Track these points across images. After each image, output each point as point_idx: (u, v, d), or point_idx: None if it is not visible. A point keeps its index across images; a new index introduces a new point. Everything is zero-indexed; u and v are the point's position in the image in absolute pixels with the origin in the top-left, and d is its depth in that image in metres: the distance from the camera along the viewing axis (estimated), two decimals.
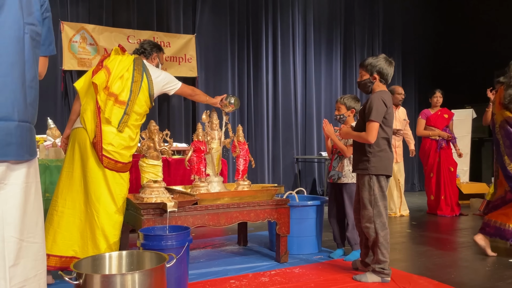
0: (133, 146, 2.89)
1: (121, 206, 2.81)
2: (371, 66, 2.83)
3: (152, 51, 3.11)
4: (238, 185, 3.34)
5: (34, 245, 1.41)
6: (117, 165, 2.78)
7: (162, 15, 6.26)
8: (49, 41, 1.59)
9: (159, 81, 2.95)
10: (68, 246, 2.69)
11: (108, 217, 2.72)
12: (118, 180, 2.80)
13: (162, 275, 1.82)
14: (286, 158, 7.15)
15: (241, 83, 6.88)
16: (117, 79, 2.80)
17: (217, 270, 3.01)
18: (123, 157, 2.80)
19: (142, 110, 2.90)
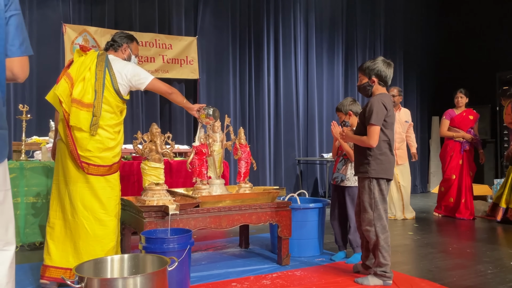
0: (114, 146, 2.73)
1: (113, 209, 2.72)
2: (369, 69, 2.83)
3: (122, 42, 2.90)
4: (240, 187, 3.34)
5: (7, 252, 1.39)
6: (100, 169, 2.67)
7: (164, 18, 6.27)
8: (19, 40, 1.48)
9: (125, 74, 2.74)
10: (63, 257, 2.64)
11: (99, 224, 2.65)
12: (104, 184, 2.70)
13: (163, 279, 1.82)
14: (288, 160, 7.14)
15: (242, 85, 6.88)
16: (78, 82, 2.65)
17: (219, 273, 3.01)
18: (104, 160, 2.67)
19: (113, 108, 2.72)
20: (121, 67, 2.75)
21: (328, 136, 7.44)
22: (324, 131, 7.48)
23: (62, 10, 5.54)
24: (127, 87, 2.78)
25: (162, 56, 6.16)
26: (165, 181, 3.04)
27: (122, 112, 2.82)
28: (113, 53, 2.89)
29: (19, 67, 1.49)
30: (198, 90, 6.45)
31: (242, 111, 6.86)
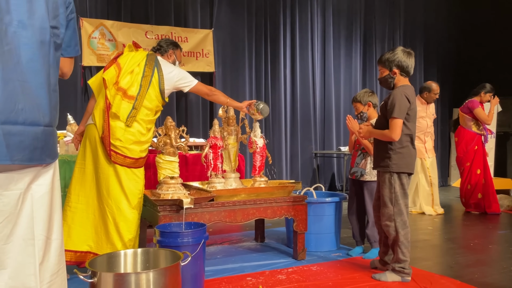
0: (144, 141, 2.82)
1: (137, 203, 2.78)
2: (389, 61, 2.74)
3: (168, 48, 3.07)
4: (255, 181, 3.30)
5: (56, 241, 1.43)
6: (126, 160, 2.73)
7: (179, 10, 6.25)
8: (75, 42, 1.59)
9: (171, 76, 2.89)
10: (83, 241, 2.71)
11: (120, 214, 2.70)
12: (131, 176, 2.77)
13: (177, 273, 1.81)
14: (304, 154, 7.07)
15: (258, 77, 6.82)
16: (126, 74, 2.77)
17: (234, 267, 2.99)
18: (132, 152, 2.75)
19: (152, 105, 2.84)
20: (169, 70, 2.91)
21: (345, 129, 7.33)
22: (341, 124, 7.37)
23: (79, 4, 5.56)
24: (171, 89, 2.95)
25: None
26: (180, 174, 3.03)
27: (157, 112, 2.92)
28: (160, 56, 3.00)
29: (69, 66, 1.61)
30: (214, 83, 6.42)
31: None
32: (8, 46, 1.28)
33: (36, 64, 1.36)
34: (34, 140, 1.35)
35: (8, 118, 1.27)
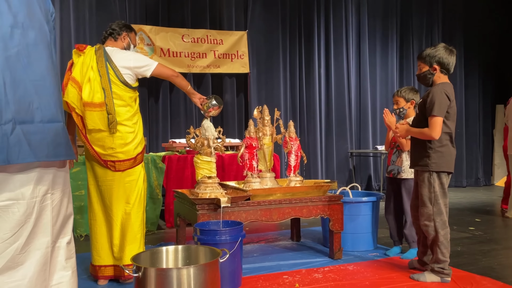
0: (134, 138, 2.68)
1: (138, 202, 2.72)
2: (430, 57, 2.70)
3: (121, 31, 2.83)
4: (290, 181, 3.33)
5: (66, 245, 1.47)
6: (126, 163, 2.66)
7: (214, 13, 6.37)
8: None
9: (126, 64, 2.66)
10: (106, 254, 2.70)
11: (127, 217, 2.68)
12: (127, 179, 2.69)
13: (216, 270, 1.87)
14: (340, 153, 7.03)
15: (293, 77, 6.84)
16: (85, 85, 2.58)
17: (270, 265, 3.03)
18: (127, 153, 2.65)
19: (127, 101, 2.67)
20: (122, 57, 2.68)
21: (382, 128, 7.22)
22: (377, 122, 7.27)
23: (119, 11, 5.78)
24: (133, 76, 2.71)
25: (214, 51, 6.26)
26: (217, 174, 3.11)
27: (135, 100, 2.76)
28: (112, 42, 2.81)
29: None
30: (248, 84, 6.50)
31: (293, 104, 6.83)
32: (16, 48, 1.31)
33: (45, 63, 1.40)
34: (56, 136, 1.38)
35: (24, 118, 1.30)
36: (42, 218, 1.36)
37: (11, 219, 1.27)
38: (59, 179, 1.43)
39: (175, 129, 6.17)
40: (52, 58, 1.44)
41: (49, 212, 1.38)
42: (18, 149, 1.26)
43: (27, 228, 1.31)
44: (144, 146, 2.79)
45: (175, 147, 4.87)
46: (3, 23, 1.29)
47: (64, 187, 1.46)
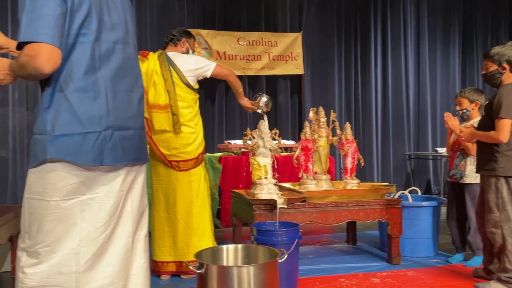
0: (196, 138, 2.83)
1: (202, 201, 2.82)
2: (499, 55, 2.57)
3: (181, 37, 2.99)
4: (347, 183, 3.30)
5: (143, 238, 1.58)
6: (189, 163, 2.79)
7: (269, 16, 6.43)
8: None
9: (188, 67, 2.83)
10: (168, 251, 2.81)
11: (192, 216, 2.76)
12: (189, 179, 2.80)
13: (274, 270, 1.90)
14: (397, 155, 6.83)
15: (348, 78, 6.75)
16: (150, 88, 2.77)
17: (326, 268, 3.02)
18: (190, 153, 2.79)
19: (188, 102, 2.82)
20: (183, 61, 2.85)
21: (442, 129, 6.92)
22: (438, 124, 6.98)
23: (178, 16, 6.01)
24: (195, 77, 2.87)
25: (268, 53, 6.32)
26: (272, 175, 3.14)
27: (196, 102, 2.91)
28: (173, 48, 2.96)
29: None
30: (303, 85, 6.50)
31: (348, 105, 6.74)
32: (116, 62, 1.46)
33: (136, 75, 1.56)
34: (140, 142, 1.54)
35: (122, 125, 1.45)
36: (124, 210, 1.49)
37: (103, 209, 1.41)
38: (139, 177, 1.57)
39: (230, 130, 6.30)
40: (139, 69, 1.60)
41: (130, 205, 1.51)
42: (113, 153, 1.42)
43: (114, 219, 1.45)
44: (204, 147, 2.92)
45: (230, 148, 4.98)
46: (108, 38, 1.44)
47: (142, 184, 1.59)
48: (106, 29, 1.44)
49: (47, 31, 1.28)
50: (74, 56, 1.38)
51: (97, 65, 1.41)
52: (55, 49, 1.30)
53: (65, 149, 1.35)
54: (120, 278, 1.46)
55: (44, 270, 1.36)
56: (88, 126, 1.37)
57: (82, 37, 1.38)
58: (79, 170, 1.37)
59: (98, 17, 1.41)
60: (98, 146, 1.38)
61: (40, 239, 1.36)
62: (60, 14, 1.32)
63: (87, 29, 1.39)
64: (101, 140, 1.39)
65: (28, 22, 1.29)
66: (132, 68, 1.54)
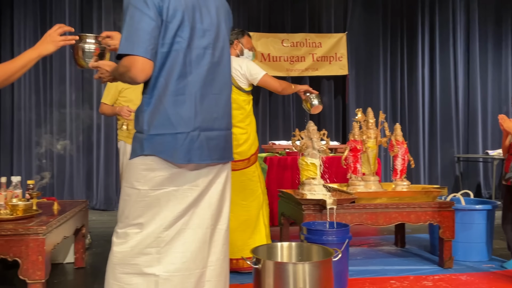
0: (247, 139, 2.90)
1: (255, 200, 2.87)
2: None
3: (232, 39, 2.98)
4: (396, 185, 3.27)
5: (222, 230, 1.67)
6: (239, 164, 2.84)
7: (314, 17, 6.44)
8: None
9: (240, 70, 2.87)
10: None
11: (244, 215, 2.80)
12: (241, 178, 2.84)
13: (329, 268, 1.93)
14: (444, 158, 6.63)
15: (393, 78, 6.64)
16: None
17: (376, 269, 3.01)
18: (241, 154, 2.84)
19: (240, 104, 2.86)
20: (235, 65, 2.86)
21: (494, 131, 6.65)
22: (488, 125, 6.71)
23: None
24: (246, 81, 2.91)
25: (312, 54, 6.33)
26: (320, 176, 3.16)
27: (249, 103, 2.94)
28: None
29: None
30: (347, 86, 6.45)
31: (393, 106, 6.63)
32: (206, 67, 1.57)
33: (223, 78, 1.64)
34: (225, 142, 1.64)
35: (208, 126, 1.57)
36: (203, 203, 1.59)
37: (185, 201, 1.55)
38: (221, 174, 1.67)
39: (273, 131, 6.36)
40: (229, 72, 1.69)
41: (209, 199, 1.61)
42: (200, 152, 1.54)
43: (192, 209, 1.56)
44: (257, 148, 2.97)
45: (274, 149, 5.03)
46: (199, 45, 1.55)
47: (224, 180, 1.68)
48: (197, 36, 1.55)
49: (141, 44, 1.43)
50: (169, 63, 1.51)
51: (188, 70, 1.53)
52: (147, 61, 1.45)
53: (158, 147, 1.50)
54: (196, 265, 1.56)
55: (128, 250, 1.52)
56: (178, 127, 1.51)
57: (175, 45, 1.51)
58: (168, 166, 1.51)
59: (190, 25, 1.52)
60: (186, 145, 1.51)
61: (130, 222, 1.53)
62: (155, 28, 1.46)
63: (180, 38, 1.51)
64: (189, 140, 1.52)
65: (127, 36, 1.45)
66: (221, 71, 1.63)
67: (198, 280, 1.56)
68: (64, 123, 5.75)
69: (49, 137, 5.76)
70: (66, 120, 5.76)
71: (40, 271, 2.13)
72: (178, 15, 1.49)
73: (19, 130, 5.69)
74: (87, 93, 5.86)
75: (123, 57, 1.47)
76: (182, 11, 1.50)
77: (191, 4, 1.54)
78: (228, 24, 1.72)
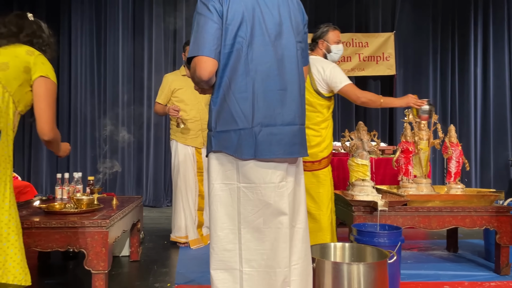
0: (320, 142, 2.82)
1: (324, 205, 2.83)
2: None
3: (317, 38, 2.88)
4: (450, 188, 3.18)
5: (301, 230, 1.69)
6: (307, 164, 2.76)
7: (360, 16, 6.36)
8: (306, 53, 1.82)
9: (323, 74, 2.76)
10: None
11: (310, 217, 2.73)
12: (311, 180, 2.81)
13: (384, 270, 1.93)
14: (498, 161, 6.35)
15: (443, 78, 6.44)
16: None
17: (428, 274, 2.94)
18: (312, 156, 2.72)
19: (316, 108, 2.79)
20: (319, 68, 2.77)
21: None
22: None
23: None
24: (327, 87, 2.80)
25: (358, 54, 6.26)
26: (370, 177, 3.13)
27: (328, 108, 2.86)
28: (313, 52, 2.90)
29: (306, 74, 1.85)
30: (394, 86, 6.33)
31: (443, 106, 6.43)
32: (268, 64, 1.62)
33: (291, 75, 1.67)
34: (291, 137, 1.65)
35: (270, 122, 1.61)
36: (278, 201, 1.62)
37: (257, 198, 1.60)
38: (291, 171, 1.69)
39: None
40: (297, 68, 1.69)
41: (284, 197, 1.63)
42: (262, 147, 1.59)
43: (268, 207, 1.61)
44: (330, 152, 2.89)
45: None
46: (260, 42, 1.61)
47: (295, 178, 1.70)
48: (258, 34, 1.61)
49: (206, 45, 1.55)
50: (231, 63, 1.60)
51: (251, 68, 1.59)
52: (210, 60, 1.56)
53: (224, 143, 1.61)
54: (278, 263, 1.59)
55: (213, 246, 1.63)
56: (240, 124, 1.59)
57: (237, 45, 1.59)
58: (235, 161, 1.60)
59: (250, 24, 1.60)
60: (249, 141, 1.58)
61: (211, 217, 1.65)
62: (217, 29, 1.57)
63: (240, 37, 1.59)
64: (251, 135, 1.58)
65: (193, 40, 1.59)
66: (286, 68, 1.65)
67: (282, 279, 1.60)
68: (117, 122, 6.02)
69: (102, 136, 6.05)
70: (118, 119, 6.03)
71: (104, 262, 2.25)
72: (238, 17, 1.58)
73: (75, 128, 6.01)
74: (138, 93, 6.10)
75: (192, 60, 1.59)
76: (241, 13, 1.58)
77: (251, 4, 1.61)
78: (298, 17, 1.72)
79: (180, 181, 3.65)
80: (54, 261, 3.24)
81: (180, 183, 3.65)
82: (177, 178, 3.68)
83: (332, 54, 2.93)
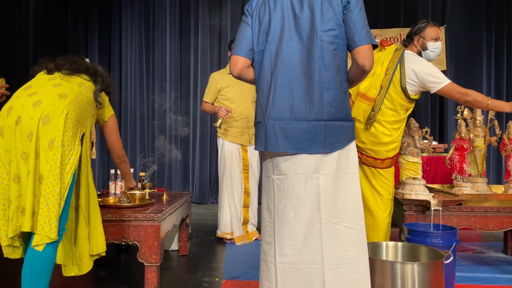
0: (388, 142, 2.65)
1: (384, 204, 2.73)
2: None
3: (413, 35, 2.67)
4: (508, 187, 3.02)
5: (348, 230, 1.63)
6: (369, 160, 2.70)
7: (409, 11, 6.16)
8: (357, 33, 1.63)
9: (417, 72, 2.53)
10: None
11: (369, 214, 2.67)
12: (378, 177, 2.72)
13: (440, 271, 1.86)
14: None
15: (498, 73, 6.11)
16: (367, 77, 2.45)
17: (484, 277, 2.81)
18: (377, 153, 2.67)
19: (395, 106, 2.61)
20: (414, 65, 2.55)
21: None
22: None
23: None
24: (417, 87, 2.58)
25: None
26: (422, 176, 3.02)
27: (407, 110, 2.69)
28: (408, 47, 2.70)
29: (363, 57, 1.63)
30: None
31: None
32: (287, 59, 1.67)
33: (306, 69, 1.65)
34: (303, 132, 1.64)
35: (280, 116, 1.66)
36: (310, 195, 1.62)
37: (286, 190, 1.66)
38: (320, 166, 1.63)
39: None
40: (319, 61, 1.63)
41: (317, 189, 1.62)
42: (273, 140, 1.66)
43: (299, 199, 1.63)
44: (396, 153, 2.77)
45: None
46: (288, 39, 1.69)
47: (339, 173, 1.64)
48: (286, 32, 1.69)
49: (240, 46, 1.76)
50: (261, 59, 1.75)
51: (272, 64, 1.68)
52: (239, 58, 1.75)
53: (255, 135, 1.80)
54: (311, 260, 1.57)
55: (261, 237, 1.75)
56: (258, 117, 1.73)
57: (266, 44, 1.72)
58: (267, 154, 1.73)
59: (280, 24, 1.71)
60: (262, 133, 1.69)
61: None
62: (250, 30, 1.76)
63: (270, 36, 1.72)
64: (265, 128, 1.67)
65: (234, 42, 1.83)
66: (314, 64, 1.62)
67: (318, 277, 1.56)
68: (164, 119, 6.19)
69: (151, 133, 6.25)
70: (166, 117, 6.20)
71: (156, 255, 2.32)
72: (266, 19, 1.72)
73: (125, 126, 6.24)
74: (184, 92, 6.25)
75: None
76: (268, 15, 1.72)
77: (280, 4, 1.71)
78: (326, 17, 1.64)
79: (226, 179, 3.70)
80: (107, 254, 3.37)
81: (226, 181, 3.69)
82: (223, 175, 3.72)
83: (428, 51, 2.69)
